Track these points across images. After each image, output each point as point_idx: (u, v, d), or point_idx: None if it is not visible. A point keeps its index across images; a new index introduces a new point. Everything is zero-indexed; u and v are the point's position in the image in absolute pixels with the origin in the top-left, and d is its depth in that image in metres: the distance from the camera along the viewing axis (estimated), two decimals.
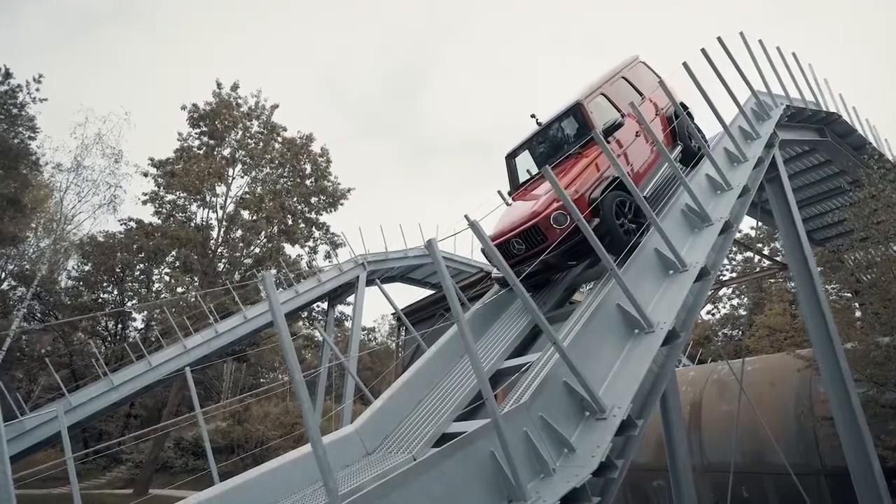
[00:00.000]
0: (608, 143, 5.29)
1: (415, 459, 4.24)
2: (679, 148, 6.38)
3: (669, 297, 3.98)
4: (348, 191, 24.05)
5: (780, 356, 10.02)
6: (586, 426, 3.10)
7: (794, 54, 9.35)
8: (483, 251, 5.82)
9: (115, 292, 27.15)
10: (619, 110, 6.10)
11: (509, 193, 6.80)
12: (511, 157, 6.75)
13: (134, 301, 26.00)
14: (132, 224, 23.16)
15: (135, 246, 23.14)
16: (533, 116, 6.67)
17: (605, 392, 3.23)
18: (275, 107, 24.14)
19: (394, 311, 7.31)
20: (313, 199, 23.66)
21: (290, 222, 22.88)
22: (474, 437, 2.72)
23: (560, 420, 3.04)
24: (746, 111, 6.79)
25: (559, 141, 6.29)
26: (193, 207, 22.66)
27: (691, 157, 6.34)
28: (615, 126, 5.54)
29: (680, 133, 6.52)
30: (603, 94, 6.21)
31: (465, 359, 5.81)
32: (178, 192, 21.72)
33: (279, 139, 23.69)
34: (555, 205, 4.84)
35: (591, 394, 3.04)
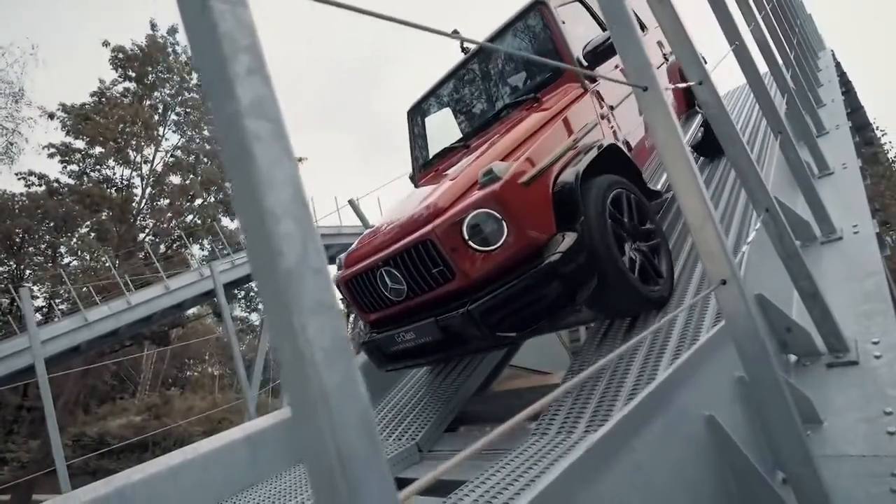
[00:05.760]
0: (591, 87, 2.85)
1: (420, 450, 2.73)
2: (699, 119, 3.83)
3: (835, 200, 2.62)
4: (299, 160, 21.58)
5: None
6: (805, 379, 1.61)
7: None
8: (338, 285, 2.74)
9: (13, 264, 23.27)
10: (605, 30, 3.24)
11: (411, 178, 3.84)
12: (417, 114, 3.82)
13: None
14: (34, 180, 19.56)
15: (39, 211, 19.61)
16: (456, 33, 2.52)
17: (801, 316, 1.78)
18: None
19: None
20: None
21: (230, 191, 20.22)
22: (676, 381, 1.12)
23: None
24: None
25: (501, 82, 3.43)
26: (111, 163, 19.42)
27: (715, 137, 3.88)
28: (604, 49, 2.82)
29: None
30: (581, 2, 3.48)
31: None
32: (93, 144, 18.47)
33: None
34: (477, 195, 2.08)
35: (825, 309, 1.55)
